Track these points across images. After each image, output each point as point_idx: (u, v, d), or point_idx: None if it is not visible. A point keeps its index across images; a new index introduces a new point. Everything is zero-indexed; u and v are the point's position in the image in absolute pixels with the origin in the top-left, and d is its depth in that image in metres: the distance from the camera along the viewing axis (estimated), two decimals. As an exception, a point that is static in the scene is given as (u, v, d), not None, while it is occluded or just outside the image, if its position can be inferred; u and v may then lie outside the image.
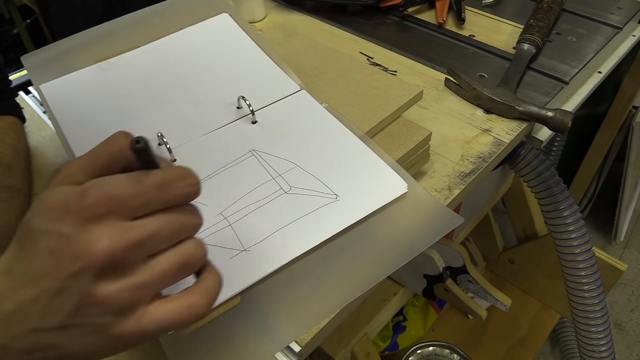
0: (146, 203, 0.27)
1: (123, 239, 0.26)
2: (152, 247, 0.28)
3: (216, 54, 0.59)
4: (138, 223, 0.27)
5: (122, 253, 0.26)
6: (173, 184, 0.28)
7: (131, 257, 0.27)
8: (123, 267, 0.27)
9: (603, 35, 0.74)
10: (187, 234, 0.30)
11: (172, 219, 0.28)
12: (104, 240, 0.26)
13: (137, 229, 0.27)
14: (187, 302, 0.29)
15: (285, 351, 0.41)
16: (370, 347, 0.84)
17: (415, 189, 0.47)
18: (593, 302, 0.79)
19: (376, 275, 0.42)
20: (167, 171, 0.28)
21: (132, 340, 0.28)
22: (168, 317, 0.28)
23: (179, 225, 0.29)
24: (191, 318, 0.29)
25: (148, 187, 0.27)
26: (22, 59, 0.57)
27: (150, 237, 0.27)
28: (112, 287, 0.26)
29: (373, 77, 0.56)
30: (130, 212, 0.27)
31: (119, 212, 0.27)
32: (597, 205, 1.47)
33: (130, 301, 0.27)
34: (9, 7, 1.80)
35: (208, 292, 0.30)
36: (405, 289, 0.89)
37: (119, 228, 0.26)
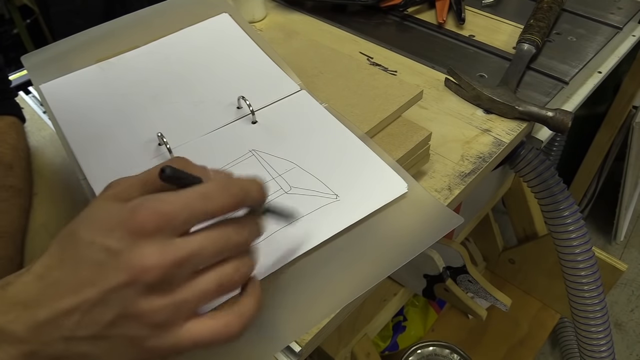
0: (191, 217, 0.28)
1: (171, 256, 0.27)
2: (198, 264, 0.28)
3: (216, 54, 0.59)
4: (184, 240, 0.27)
5: (170, 270, 0.27)
6: (214, 195, 0.28)
7: (177, 273, 0.27)
8: (168, 284, 0.27)
9: (603, 35, 0.74)
10: (233, 251, 0.30)
11: (217, 235, 0.29)
12: (155, 256, 0.26)
13: (184, 246, 0.27)
14: (222, 322, 0.29)
15: (285, 351, 0.41)
16: (370, 347, 0.84)
17: (415, 189, 0.47)
18: (593, 302, 0.79)
19: (376, 276, 0.42)
20: (208, 184, 0.29)
21: (165, 355, 0.29)
22: (203, 335, 0.29)
23: (224, 243, 0.29)
24: (224, 338, 0.30)
25: (191, 200, 0.28)
26: (22, 59, 0.57)
27: (196, 254, 0.27)
28: (155, 303, 0.27)
29: (373, 77, 0.56)
30: (179, 227, 0.27)
31: (168, 229, 0.27)
32: (597, 205, 1.47)
33: (169, 317, 0.27)
34: (9, 7, 1.80)
35: (243, 314, 0.30)
36: (405, 289, 0.89)
37: (168, 245, 0.27)
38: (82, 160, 0.48)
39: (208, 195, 0.28)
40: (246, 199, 0.30)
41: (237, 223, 0.30)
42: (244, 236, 0.30)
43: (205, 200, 0.28)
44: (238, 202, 0.29)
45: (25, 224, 0.54)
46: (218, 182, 0.29)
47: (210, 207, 0.28)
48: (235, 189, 0.29)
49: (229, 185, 0.29)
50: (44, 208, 0.57)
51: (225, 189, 0.29)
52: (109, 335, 0.27)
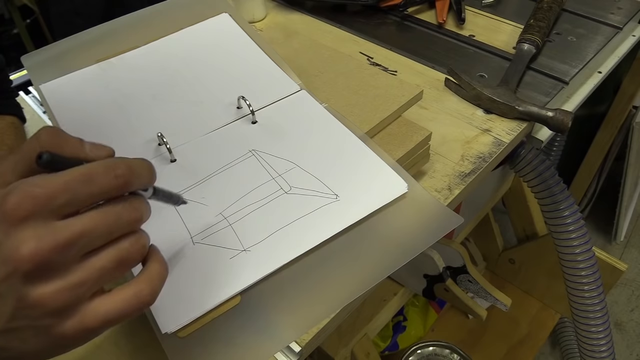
0: (72, 199, 0.26)
1: (50, 240, 0.25)
2: (84, 245, 0.27)
3: (216, 54, 0.59)
4: (66, 222, 0.26)
5: (50, 254, 0.25)
6: (98, 176, 0.27)
7: (61, 257, 0.26)
8: (55, 268, 0.26)
9: (603, 35, 0.74)
10: (125, 229, 0.28)
11: (105, 215, 0.27)
12: (30, 243, 0.25)
13: (65, 228, 0.26)
14: (131, 293, 0.28)
15: (285, 351, 0.41)
16: (370, 347, 0.84)
17: (415, 189, 0.47)
18: (593, 302, 0.79)
19: (376, 275, 0.42)
20: (91, 165, 0.27)
21: (78, 338, 0.28)
22: (111, 311, 0.28)
23: (113, 222, 0.27)
24: (137, 307, 0.29)
25: (72, 182, 0.26)
26: (22, 59, 0.57)
27: (80, 235, 0.26)
28: (46, 290, 0.26)
29: (373, 77, 0.56)
30: (56, 210, 0.26)
31: (44, 212, 0.25)
32: (597, 205, 1.47)
33: (68, 301, 0.26)
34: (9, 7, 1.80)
35: (152, 279, 0.29)
36: (405, 289, 0.89)
37: (45, 229, 0.25)
38: (82, 160, 0.48)
39: (91, 176, 0.27)
40: (133, 181, 0.28)
41: (126, 202, 0.28)
42: (133, 214, 0.29)
43: (88, 182, 0.26)
44: (124, 184, 0.28)
45: None
46: (103, 163, 0.28)
47: (94, 189, 0.27)
48: (121, 170, 0.28)
49: (114, 166, 0.28)
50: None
51: (110, 169, 0.27)
52: (14, 328, 0.26)
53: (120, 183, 0.28)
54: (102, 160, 0.28)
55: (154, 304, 0.39)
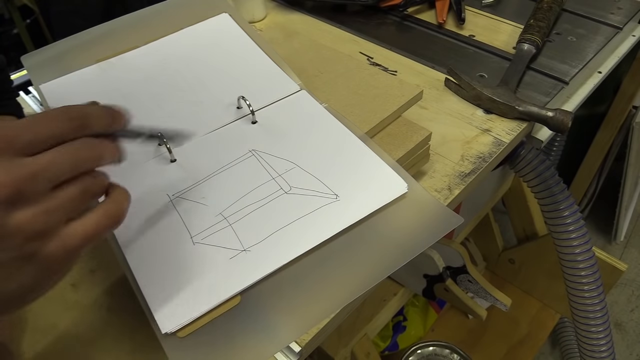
0: (34, 139, 0.29)
1: (19, 171, 0.27)
2: (51, 177, 0.29)
3: (216, 54, 0.59)
4: (33, 158, 0.28)
5: (20, 184, 0.27)
6: (56, 118, 0.30)
7: (31, 187, 0.28)
8: (27, 197, 0.28)
9: (603, 35, 0.74)
10: (85, 165, 0.31)
11: (65, 152, 0.30)
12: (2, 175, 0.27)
13: (31, 162, 0.28)
14: (101, 212, 0.31)
15: (285, 351, 0.41)
16: (370, 347, 0.84)
17: (415, 189, 0.47)
18: (593, 302, 0.79)
19: (376, 275, 0.42)
20: (51, 109, 0.30)
21: (62, 260, 0.30)
22: (88, 229, 0.30)
23: (73, 157, 0.30)
24: (109, 223, 0.32)
25: (33, 123, 0.29)
26: (22, 59, 0.57)
27: (44, 169, 0.28)
28: (23, 215, 0.28)
29: (373, 77, 0.56)
30: (21, 149, 0.28)
31: (12, 149, 0.28)
32: (597, 205, 1.47)
33: (46, 224, 0.29)
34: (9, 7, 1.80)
35: (117, 200, 0.33)
36: (405, 289, 0.89)
37: (13, 163, 0.28)
38: (82, 160, 0.48)
39: (49, 118, 0.29)
40: (87, 123, 0.31)
41: (88, 141, 0.31)
42: (95, 151, 0.31)
43: (47, 124, 0.29)
44: (78, 126, 0.31)
45: None
46: (61, 108, 0.31)
47: (52, 130, 0.29)
48: (74, 113, 0.31)
49: (69, 110, 0.31)
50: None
51: (65, 112, 0.30)
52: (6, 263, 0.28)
53: (74, 125, 0.31)
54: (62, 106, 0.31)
55: (154, 304, 0.39)
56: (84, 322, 0.45)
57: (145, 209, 0.45)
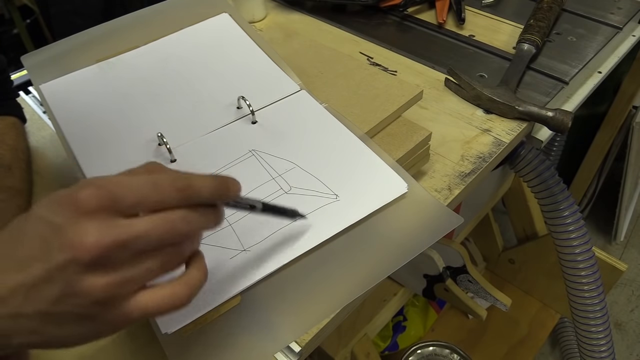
0: (139, 203, 0.28)
1: (112, 235, 0.27)
2: (140, 248, 0.28)
3: (216, 54, 0.59)
4: (129, 222, 0.28)
5: (109, 250, 0.27)
6: (164, 186, 0.29)
7: (118, 254, 0.27)
8: (109, 263, 0.27)
9: (603, 35, 0.74)
10: (178, 240, 0.30)
11: (163, 224, 0.29)
12: (93, 234, 0.26)
13: (128, 227, 0.27)
14: (169, 292, 0.30)
15: (285, 351, 0.41)
16: (370, 347, 0.84)
17: (415, 189, 0.47)
18: (593, 302, 0.79)
19: (376, 275, 0.42)
20: (160, 175, 0.29)
21: (117, 326, 0.30)
22: (150, 305, 0.29)
23: (169, 231, 0.29)
24: (172, 307, 0.30)
25: (142, 186, 0.28)
26: (22, 59, 0.57)
27: (138, 237, 0.28)
28: (98, 281, 0.27)
29: (373, 77, 0.56)
30: (122, 210, 0.28)
31: (112, 209, 0.27)
32: (597, 205, 1.47)
33: (115, 294, 0.28)
34: (9, 7, 1.80)
35: (190, 284, 0.31)
36: (405, 289, 0.89)
37: (110, 224, 0.27)
38: (82, 160, 0.48)
39: (157, 185, 0.29)
40: (192, 195, 0.30)
41: (187, 216, 0.30)
42: (191, 226, 0.30)
43: (154, 190, 0.28)
44: (184, 197, 0.30)
45: None
46: (170, 175, 0.30)
47: (158, 197, 0.29)
48: (181, 183, 0.30)
49: (177, 178, 0.30)
50: (44, 208, 0.57)
51: (173, 181, 0.29)
52: (56, 312, 0.27)
53: (180, 196, 0.30)
54: (168, 173, 0.31)
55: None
56: (84, 322, 0.45)
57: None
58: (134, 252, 0.28)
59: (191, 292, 0.31)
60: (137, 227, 0.28)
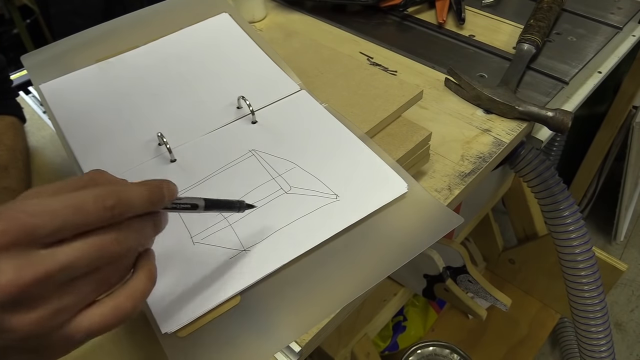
0: (59, 229, 0.25)
1: (30, 272, 0.24)
2: (67, 277, 0.26)
3: (216, 53, 0.59)
4: (49, 252, 0.25)
5: (29, 286, 0.24)
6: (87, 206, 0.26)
7: (40, 289, 0.25)
8: (33, 298, 0.25)
9: (603, 35, 0.74)
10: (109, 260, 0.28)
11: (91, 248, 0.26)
12: (10, 273, 0.24)
13: (48, 259, 0.25)
14: (110, 307, 0.28)
15: (285, 351, 0.41)
16: (370, 347, 0.84)
17: (415, 189, 0.47)
18: (593, 302, 0.79)
19: (376, 275, 0.42)
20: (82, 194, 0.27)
21: (64, 351, 0.28)
22: (93, 325, 0.28)
23: (99, 254, 0.27)
24: (118, 321, 0.28)
25: (61, 211, 0.25)
26: (22, 59, 0.57)
27: (61, 269, 0.25)
28: (24, 319, 0.25)
29: (373, 77, 0.56)
30: (41, 239, 0.25)
31: (29, 241, 0.25)
32: (597, 205, 1.47)
33: (48, 326, 0.26)
34: (9, 7, 1.80)
35: (134, 294, 0.29)
36: (405, 289, 0.89)
37: (26, 259, 0.24)
38: (82, 160, 0.48)
39: (81, 207, 0.26)
40: (124, 212, 0.28)
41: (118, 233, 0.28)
42: (124, 244, 0.28)
43: (77, 212, 0.26)
44: (113, 216, 0.27)
45: None
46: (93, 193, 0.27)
47: (82, 219, 0.26)
48: (110, 201, 0.27)
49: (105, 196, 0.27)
50: (43, 208, 0.57)
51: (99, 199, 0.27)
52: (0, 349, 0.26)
53: (109, 215, 0.27)
54: (94, 189, 0.27)
55: (154, 304, 0.39)
56: (84, 322, 0.45)
57: (145, 209, 0.45)
58: (60, 282, 0.26)
59: (135, 304, 0.29)
60: (59, 258, 0.25)
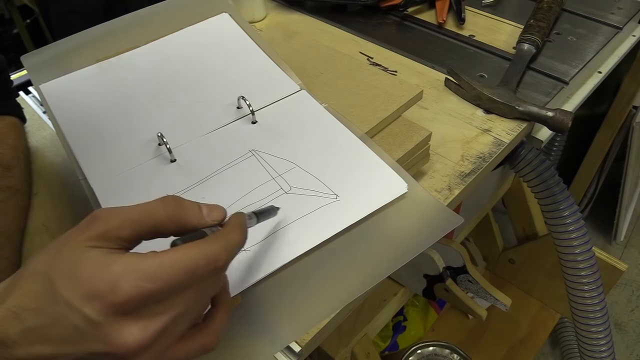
0: (173, 290, 0.28)
1: (152, 330, 0.27)
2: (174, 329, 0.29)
3: (216, 53, 0.59)
4: (162, 309, 0.28)
5: (151, 342, 0.27)
6: (200, 270, 0.29)
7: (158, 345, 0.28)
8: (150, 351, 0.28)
9: (603, 35, 0.74)
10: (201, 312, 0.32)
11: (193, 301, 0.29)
12: (136, 334, 0.27)
13: (162, 317, 0.28)
14: (200, 343, 0.31)
15: (285, 351, 0.41)
16: (370, 347, 0.84)
17: (416, 189, 0.47)
18: (593, 302, 0.79)
19: (376, 275, 0.42)
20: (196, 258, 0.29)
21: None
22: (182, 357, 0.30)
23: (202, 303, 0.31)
24: (202, 354, 0.31)
25: (178, 277, 0.28)
26: (22, 59, 0.57)
27: (172, 322, 0.28)
28: None
29: (373, 77, 0.56)
30: (161, 299, 0.28)
31: (150, 304, 0.27)
32: (597, 205, 1.47)
33: None
34: (9, 7, 1.80)
35: (217, 331, 0.32)
36: (405, 289, 0.89)
37: (148, 320, 0.27)
38: (82, 160, 0.48)
39: (195, 271, 0.28)
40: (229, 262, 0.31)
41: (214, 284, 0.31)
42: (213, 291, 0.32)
43: (192, 276, 0.28)
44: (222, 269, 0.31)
45: (24, 224, 0.54)
46: (206, 255, 0.29)
47: (195, 281, 0.29)
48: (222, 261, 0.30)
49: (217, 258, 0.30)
50: (43, 208, 0.57)
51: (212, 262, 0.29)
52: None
53: (219, 270, 0.30)
54: (205, 251, 0.29)
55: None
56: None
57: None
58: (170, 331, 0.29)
59: (218, 340, 0.32)
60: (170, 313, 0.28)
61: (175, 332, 0.29)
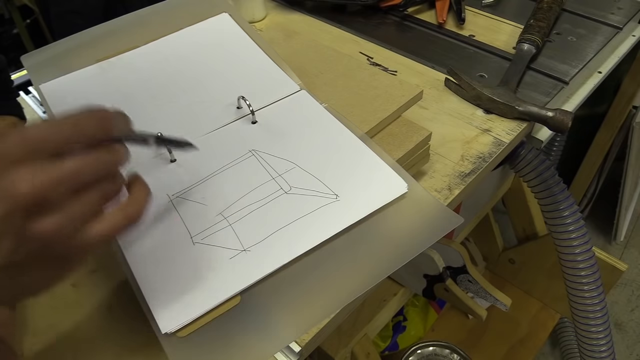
0: (62, 142, 0.29)
1: (44, 177, 0.27)
2: (76, 183, 0.29)
3: (216, 53, 0.59)
4: (59, 162, 0.28)
5: (45, 190, 0.27)
6: (84, 121, 0.30)
7: (56, 193, 0.28)
8: (51, 203, 0.28)
9: (603, 35, 0.74)
10: (107, 169, 0.32)
11: (90, 158, 0.30)
12: (26, 180, 0.27)
13: (57, 167, 0.28)
14: (121, 214, 0.32)
15: (285, 351, 0.41)
16: (370, 347, 0.84)
17: (415, 189, 0.47)
18: (593, 302, 0.79)
19: (376, 275, 0.42)
20: (78, 113, 0.30)
21: (77, 260, 0.32)
22: (105, 228, 0.31)
23: (98, 163, 0.30)
24: (128, 223, 0.32)
25: (63, 126, 0.29)
26: (22, 59, 0.57)
27: (70, 175, 0.29)
28: (47, 222, 0.28)
29: (373, 77, 0.56)
30: (48, 152, 0.28)
31: (37, 153, 0.28)
32: (597, 205, 1.47)
33: (66, 230, 0.29)
34: (9, 7, 1.80)
35: (138, 201, 0.34)
36: (405, 289, 0.89)
37: (39, 168, 0.27)
38: (82, 160, 0.48)
39: (78, 121, 0.30)
40: (112, 125, 0.32)
41: (107, 147, 0.32)
42: (114, 157, 0.32)
43: (76, 126, 0.29)
44: (105, 128, 0.31)
45: None
46: (87, 110, 0.31)
47: (81, 133, 0.30)
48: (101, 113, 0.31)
49: (97, 111, 0.31)
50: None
51: (93, 114, 0.31)
52: (16, 263, 0.28)
53: (102, 125, 0.31)
54: (87, 110, 0.31)
55: (154, 304, 0.39)
56: (84, 322, 0.45)
57: (145, 209, 0.45)
58: (71, 189, 0.29)
59: (140, 208, 0.33)
60: (68, 165, 0.29)
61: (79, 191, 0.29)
